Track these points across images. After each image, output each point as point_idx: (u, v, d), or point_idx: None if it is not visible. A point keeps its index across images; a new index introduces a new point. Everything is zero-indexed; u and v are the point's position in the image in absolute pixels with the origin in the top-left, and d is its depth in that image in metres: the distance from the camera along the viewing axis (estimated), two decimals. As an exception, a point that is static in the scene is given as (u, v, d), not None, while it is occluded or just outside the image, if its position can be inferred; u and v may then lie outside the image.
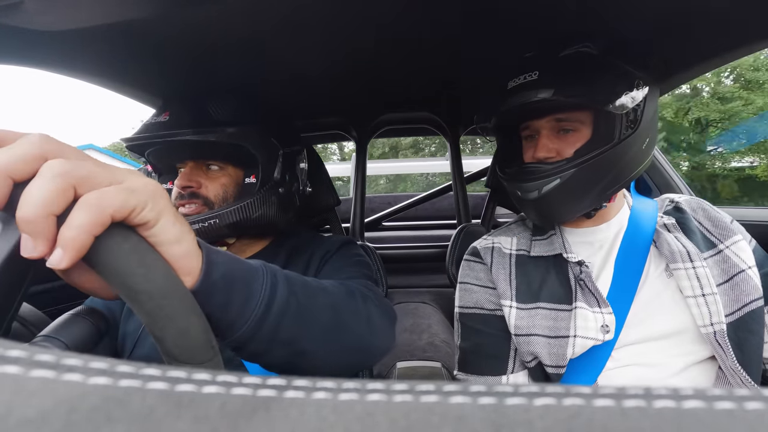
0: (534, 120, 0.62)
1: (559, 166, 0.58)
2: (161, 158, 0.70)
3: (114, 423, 0.09)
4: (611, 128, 0.57)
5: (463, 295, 0.70)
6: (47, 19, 0.55)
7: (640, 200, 0.69)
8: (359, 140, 1.28)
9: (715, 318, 0.54)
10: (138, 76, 0.80)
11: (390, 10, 0.60)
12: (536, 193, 0.59)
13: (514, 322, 0.62)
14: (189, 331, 0.26)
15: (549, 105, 0.58)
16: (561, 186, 0.57)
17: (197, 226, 0.61)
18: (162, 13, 0.57)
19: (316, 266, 0.67)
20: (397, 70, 0.86)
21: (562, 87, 0.56)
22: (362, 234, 1.28)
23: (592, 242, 0.65)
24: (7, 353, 0.11)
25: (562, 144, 0.60)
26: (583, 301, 0.59)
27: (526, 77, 0.59)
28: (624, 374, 0.57)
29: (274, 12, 0.59)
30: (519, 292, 0.64)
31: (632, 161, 0.60)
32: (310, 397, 0.10)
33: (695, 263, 0.57)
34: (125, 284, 0.24)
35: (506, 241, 0.70)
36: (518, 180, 0.62)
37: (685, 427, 0.09)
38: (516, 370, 0.63)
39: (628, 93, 0.57)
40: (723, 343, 0.53)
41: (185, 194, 0.64)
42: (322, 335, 0.40)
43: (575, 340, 0.57)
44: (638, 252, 0.61)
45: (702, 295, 0.56)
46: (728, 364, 0.53)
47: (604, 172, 0.58)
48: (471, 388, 0.10)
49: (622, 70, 0.59)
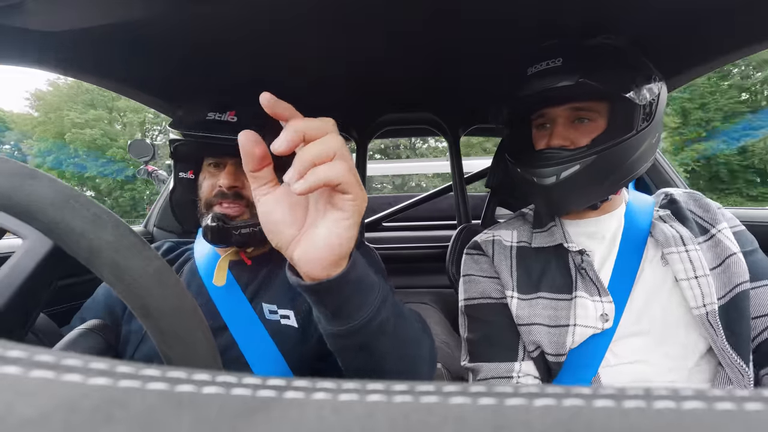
0: (551, 108, 0.62)
1: (579, 152, 0.58)
2: (200, 153, 0.69)
3: (114, 423, 0.09)
4: (629, 119, 0.58)
5: (468, 287, 0.70)
6: (48, 19, 0.55)
7: (637, 195, 0.70)
8: (359, 140, 1.28)
9: (707, 299, 0.55)
10: (138, 76, 0.80)
11: (390, 11, 0.60)
12: (554, 178, 0.59)
13: (515, 312, 0.63)
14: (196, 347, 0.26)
15: (570, 93, 0.59)
16: (580, 172, 0.58)
17: (247, 231, 0.62)
18: (162, 13, 0.57)
19: None
20: (398, 70, 0.86)
21: (587, 73, 0.56)
22: (362, 234, 1.28)
23: (593, 233, 0.66)
24: (7, 353, 0.11)
25: (577, 133, 0.61)
26: (584, 290, 0.60)
27: (549, 63, 0.58)
28: (624, 371, 0.58)
29: (274, 12, 0.59)
30: (520, 283, 0.65)
31: (644, 154, 0.61)
32: (309, 398, 0.10)
33: (688, 246, 0.58)
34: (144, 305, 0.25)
35: (507, 234, 0.71)
36: (534, 165, 0.62)
37: (685, 428, 0.09)
38: (526, 358, 0.63)
39: (648, 85, 0.58)
40: (714, 323, 0.55)
41: (229, 194, 0.63)
42: (400, 361, 0.44)
43: (575, 329, 0.58)
44: (636, 243, 0.62)
45: (695, 277, 0.57)
46: (719, 344, 0.54)
47: (620, 162, 0.59)
48: (471, 388, 0.10)
49: (643, 63, 0.60)
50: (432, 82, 0.96)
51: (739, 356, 0.54)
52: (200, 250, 0.72)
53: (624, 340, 0.58)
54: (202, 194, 0.67)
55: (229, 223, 0.62)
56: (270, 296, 0.65)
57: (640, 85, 0.57)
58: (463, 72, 0.88)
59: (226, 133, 0.60)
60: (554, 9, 0.62)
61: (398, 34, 0.68)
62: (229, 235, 0.62)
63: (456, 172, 1.33)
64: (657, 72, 0.60)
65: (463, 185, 1.34)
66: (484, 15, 0.62)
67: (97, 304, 0.68)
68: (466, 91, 1.01)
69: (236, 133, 0.61)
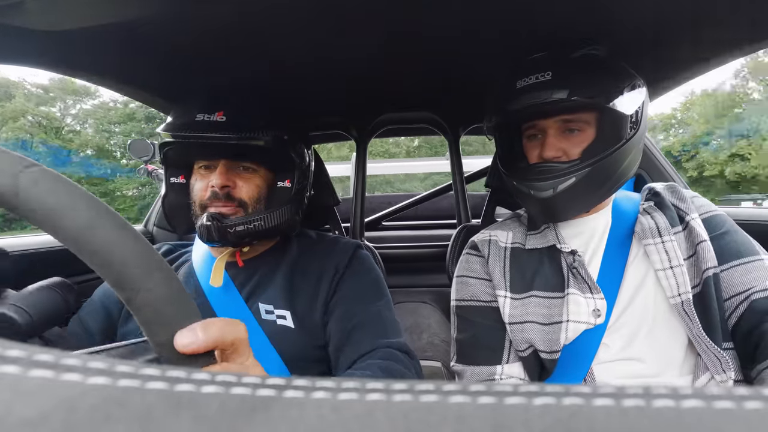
0: (541, 119, 0.63)
1: (573, 165, 0.59)
2: (191, 155, 0.69)
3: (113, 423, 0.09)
4: (618, 128, 0.59)
5: (459, 288, 0.72)
6: (48, 19, 0.55)
7: (622, 192, 0.71)
8: (359, 140, 1.28)
9: (682, 288, 0.57)
10: (139, 76, 0.80)
11: (391, 11, 0.60)
12: (551, 191, 0.60)
13: (508, 312, 0.64)
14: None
15: (560, 106, 0.59)
16: (576, 184, 0.59)
17: (242, 228, 0.62)
18: (161, 13, 0.57)
19: (329, 282, 0.68)
20: (398, 70, 0.86)
21: (576, 88, 0.57)
22: (362, 234, 1.28)
23: (582, 232, 0.67)
24: (6, 353, 0.11)
25: (568, 144, 0.62)
26: (575, 287, 0.61)
27: (538, 77, 0.60)
28: (616, 365, 0.59)
29: (276, 11, 0.59)
30: (513, 284, 0.66)
31: (633, 160, 0.63)
32: (309, 397, 0.10)
33: (663, 237, 0.60)
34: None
35: (502, 235, 0.72)
36: (530, 179, 0.63)
37: (685, 427, 0.09)
38: (511, 360, 0.65)
39: (632, 93, 0.59)
40: (689, 312, 0.56)
41: (221, 195, 0.64)
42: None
43: (568, 325, 0.60)
44: (623, 239, 0.64)
45: (670, 267, 0.58)
46: (695, 332, 0.56)
47: (614, 170, 0.60)
48: (471, 387, 0.10)
49: (627, 72, 0.61)
50: (432, 82, 0.95)
51: (713, 341, 0.55)
52: (197, 253, 0.73)
53: (614, 334, 0.60)
54: (195, 197, 0.67)
55: (223, 221, 0.62)
56: (266, 296, 0.66)
57: (627, 94, 0.59)
58: (463, 71, 0.88)
59: (215, 133, 0.61)
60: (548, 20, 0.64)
61: (398, 33, 0.68)
62: (225, 233, 0.62)
63: (456, 171, 1.33)
64: (640, 79, 0.62)
65: (463, 185, 1.34)
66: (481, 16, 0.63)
67: (94, 304, 0.69)
68: (466, 91, 1.01)
69: (225, 133, 0.62)
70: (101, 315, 0.67)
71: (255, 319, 0.63)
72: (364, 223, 1.29)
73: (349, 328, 0.64)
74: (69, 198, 0.23)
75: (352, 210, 1.27)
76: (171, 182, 0.71)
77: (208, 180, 0.65)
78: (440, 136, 1.32)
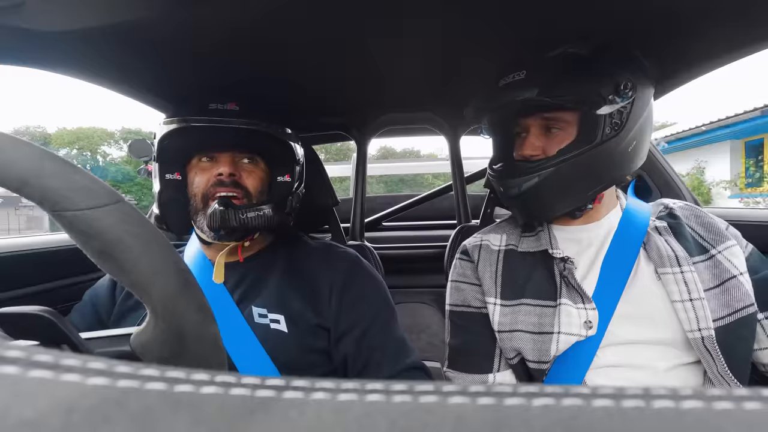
0: (523, 118, 0.63)
1: (539, 164, 0.59)
2: (197, 144, 0.67)
3: (112, 423, 0.09)
4: (592, 129, 0.58)
5: (452, 293, 0.72)
6: (48, 19, 0.55)
7: (635, 202, 0.69)
8: (359, 140, 1.28)
9: (702, 323, 0.54)
10: (139, 76, 0.80)
11: (391, 11, 0.60)
12: (516, 189, 0.61)
13: (497, 319, 0.63)
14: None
15: (535, 104, 0.59)
16: (540, 184, 0.59)
17: (253, 214, 0.62)
18: (162, 13, 0.57)
19: (328, 298, 0.67)
20: (398, 70, 0.86)
21: (545, 87, 0.57)
22: (362, 234, 1.28)
23: (580, 240, 0.65)
24: (6, 354, 0.11)
25: (548, 142, 0.61)
26: (568, 297, 0.60)
27: (514, 76, 0.60)
28: (609, 374, 0.57)
29: (276, 11, 0.59)
30: (503, 289, 0.65)
31: (615, 163, 0.60)
32: (308, 398, 0.10)
33: (683, 267, 0.57)
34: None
35: (495, 238, 0.71)
36: (501, 177, 0.64)
37: (685, 427, 0.09)
38: (502, 368, 0.64)
39: (612, 95, 0.56)
40: (711, 349, 0.53)
41: (228, 182, 0.63)
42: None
43: (559, 337, 0.58)
44: (627, 252, 0.61)
45: (689, 299, 0.55)
46: (715, 370, 0.53)
47: (584, 173, 0.59)
48: (470, 388, 0.10)
49: (609, 71, 0.58)
50: (432, 82, 0.95)
51: (738, 383, 0.52)
52: (189, 253, 0.71)
53: (612, 347, 0.58)
54: (195, 190, 0.65)
55: (234, 206, 0.62)
56: (260, 300, 0.64)
57: (604, 94, 0.56)
58: (464, 71, 0.88)
59: (230, 119, 0.62)
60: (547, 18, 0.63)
61: (398, 33, 0.68)
62: (236, 219, 0.61)
63: (456, 171, 1.33)
64: (632, 77, 0.58)
65: (463, 185, 1.34)
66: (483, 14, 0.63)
67: (85, 306, 0.69)
68: (467, 91, 1.01)
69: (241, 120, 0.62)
70: (91, 316, 0.67)
71: (246, 323, 0.62)
72: (364, 224, 1.29)
73: (366, 355, 0.64)
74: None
75: (352, 210, 1.27)
76: (166, 179, 0.67)
77: (211, 173, 0.64)
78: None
